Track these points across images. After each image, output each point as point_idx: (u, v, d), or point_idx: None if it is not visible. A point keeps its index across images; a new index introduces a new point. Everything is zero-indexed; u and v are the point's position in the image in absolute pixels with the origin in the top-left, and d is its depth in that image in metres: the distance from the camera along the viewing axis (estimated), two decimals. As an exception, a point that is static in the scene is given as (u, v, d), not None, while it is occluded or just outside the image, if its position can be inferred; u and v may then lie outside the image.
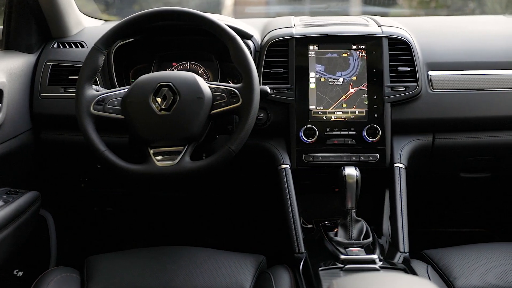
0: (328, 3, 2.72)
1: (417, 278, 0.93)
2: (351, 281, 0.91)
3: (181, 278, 1.32)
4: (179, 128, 1.30)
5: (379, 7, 2.69)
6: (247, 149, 1.59)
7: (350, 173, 1.40)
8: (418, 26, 1.75)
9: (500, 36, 1.70)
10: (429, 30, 1.73)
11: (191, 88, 1.31)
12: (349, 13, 2.67)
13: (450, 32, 1.73)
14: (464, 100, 1.57)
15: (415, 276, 0.94)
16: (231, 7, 2.77)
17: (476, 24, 1.86)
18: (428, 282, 0.91)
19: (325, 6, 2.50)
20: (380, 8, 2.68)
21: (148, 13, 1.37)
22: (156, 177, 1.29)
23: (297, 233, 1.41)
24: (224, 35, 1.35)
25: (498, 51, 1.62)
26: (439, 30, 1.75)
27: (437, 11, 2.86)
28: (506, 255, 1.40)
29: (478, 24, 1.85)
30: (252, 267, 1.37)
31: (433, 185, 1.77)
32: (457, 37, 1.69)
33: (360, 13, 2.62)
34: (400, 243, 1.38)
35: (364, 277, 0.93)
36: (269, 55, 1.57)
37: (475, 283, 1.30)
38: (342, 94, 1.55)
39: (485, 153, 1.64)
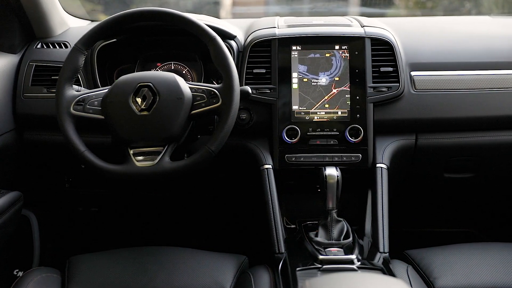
0: (326, 3, 2.73)
1: (390, 278, 0.93)
2: (323, 281, 0.91)
3: (161, 278, 1.32)
4: (159, 128, 1.30)
5: (376, 8, 2.69)
6: (230, 149, 1.59)
7: (330, 173, 1.40)
8: (402, 26, 1.75)
9: (483, 36, 1.70)
10: (412, 31, 1.73)
11: (171, 89, 1.31)
12: (348, 14, 2.68)
13: (433, 33, 1.74)
14: (447, 101, 1.57)
15: (388, 277, 0.94)
16: (230, 7, 2.77)
17: (461, 24, 1.86)
18: (401, 283, 0.91)
19: (311, 7, 2.50)
20: (376, 9, 2.69)
21: (128, 13, 1.37)
22: (135, 177, 1.29)
23: (278, 233, 1.41)
24: (204, 35, 1.35)
25: (480, 51, 1.63)
26: (423, 30, 1.76)
27: (433, 11, 2.86)
28: (487, 255, 1.41)
29: (463, 25, 1.85)
30: (233, 267, 1.38)
31: (417, 185, 1.77)
32: (441, 38, 1.70)
33: (359, 14, 2.64)
34: (380, 243, 1.38)
35: (336, 277, 0.93)
36: (252, 56, 1.57)
37: (455, 283, 1.30)
38: (324, 95, 1.55)
39: (468, 153, 1.64)
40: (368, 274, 1.04)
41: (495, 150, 1.63)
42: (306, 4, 2.84)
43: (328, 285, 0.89)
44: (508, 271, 1.33)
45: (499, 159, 1.66)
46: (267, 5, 2.87)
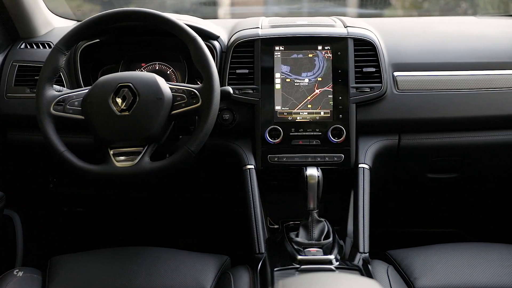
0: (324, 3, 2.74)
1: (364, 278, 0.93)
2: (296, 282, 0.91)
3: (142, 278, 1.33)
4: (139, 129, 1.30)
5: (373, 9, 2.71)
6: (213, 149, 1.60)
7: (311, 173, 1.40)
8: (387, 27, 1.75)
9: (467, 37, 1.71)
10: (397, 31, 1.74)
11: (151, 89, 1.31)
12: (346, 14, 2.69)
13: (417, 33, 1.74)
14: (429, 101, 1.57)
15: (361, 277, 0.94)
16: (228, 7, 2.77)
17: (445, 25, 1.86)
18: (374, 283, 0.91)
19: (298, 7, 2.50)
20: (374, 10, 2.70)
21: (109, 14, 1.37)
22: (115, 177, 1.29)
23: (258, 234, 1.41)
24: (184, 35, 1.35)
25: (464, 52, 1.63)
26: (407, 31, 1.76)
27: (429, 12, 2.87)
28: (468, 255, 1.41)
29: (448, 25, 1.85)
30: (214, 267, 1.38)
31: (401, 185, 1.77)
32: (424, 38, 1.70)
33: (357, 15, 2.65)
34: (361, 243, 1.38)
35: (310, 277, 0.93)
36: (235, 56, 1.57)
37: (435, 283, 1.30)
38: (307, 95, 1.55)
39: (451, 153, 1.64)
40: (342, 274, 1.04)
41: (478, 150, 1.63)
42: (305, 4, 2.85)
43: (301, 285, 0.90)
44: (488, 271, 1.33)
45: (482, 159, 1.66)
46: (266, 5, 2.87)
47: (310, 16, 1.78)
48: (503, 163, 1.69)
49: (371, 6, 2.72)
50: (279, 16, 1.81)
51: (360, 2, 2.73)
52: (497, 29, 1.77)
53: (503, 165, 1.69)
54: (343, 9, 2.81)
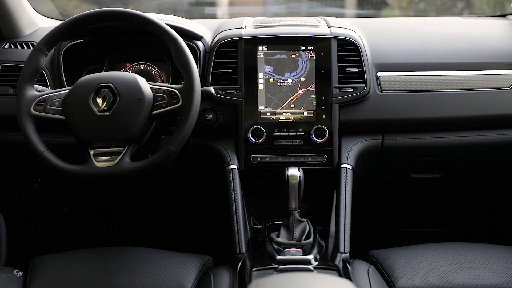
0: (322, 2, 2.74)
1: (337, 278, 0.93)
2: (269, 282, 0.91)
3: (123, 278, 1.33)
4: (119, 129, 1.30)
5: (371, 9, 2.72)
6: (196, 149, 1.60)
7: (292, 173, 1.40)
8: (371, 27, 1.76)
9: (452, 37, 1.71)
10: (381, 31, 1.74)
11: (132, 89, 1.32)
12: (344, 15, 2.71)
13: (402, 34, 1.74)
14: (413, 101, 1.57)
15: (335, 277, 0.94)
16: (227, 7, 2.78)
17: (430, 25, 1.86)
18: (347, 283, 0.91)
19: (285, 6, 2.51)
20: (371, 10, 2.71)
21: (89, 14, 1.37)
22: (94, 177, 1.29)
23: (239, 234, 1.41)
24: (165, 35, 1.35)
25: (447, 52, 1.63)
26: (392, 31, 1.76)
27: (426, 12, 2.88)
28: (450, 255, 1.41)
29: (433, 26, 1.85)
30: (196, 267, 1.38)
31: (385, 185, 1.78)
32: (408, 39, 1.70)
33: (355, 15, 2.67)
34: (341, 243, 1.39)
35: (284, 277, 0.94)
36: (218, 56, 1.57)
37: (415, 283, 1.31)
38: (290, 95, 1.55)
39: (435, 153, 1.64)
40: (316, 274, 1.04)
41: (461, 151, 1.64)
42: (304, 4, 2.86)
43: (274, 285, 0.90)
44: (468, 271, 1.34)
45: (466, 159, 1.67)
46: (265, 5, 2.87)
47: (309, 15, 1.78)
48: (487, 163, 1.69)
49: (369, 6, 2.73)
50: (278, 16, 1.81)
51: (358, 2, 2.74)
52: (482, 30, 1.77)
53: (486, 165, 1.70)
54: (341, 10, 2.82)
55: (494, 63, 1.60)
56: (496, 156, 1.66)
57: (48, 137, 1.38)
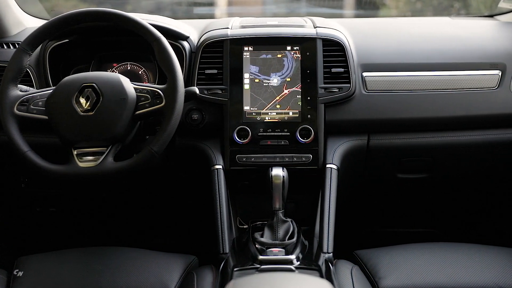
0: (319, 2, 2.75)
1: (315, 278, 0.93)
2: (246, 282, 0.91)
3: (106, 278, 1.33)
4: (102, 129, 1.30)
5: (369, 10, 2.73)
6: (182, 149, 1.60)
7: (276, 173, 1.41)
8: (358, 27, 1.76)
9: (438, 38, 1.71)
10: (368, 32, 1.74)
11: (115, 89, 1.32)
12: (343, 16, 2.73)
13: (388, 34, 1.74)
14: (398, 101, 1.58)
15: (313, 277, 0.94)
16: (225, 7, 2.78)
17: (417, 26, 1.87)
18: (324, 283, 0.91)
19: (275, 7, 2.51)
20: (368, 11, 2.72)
21: (72, 14, 1.37)
22: (77, 177, 1.29)
23: (223, 234, 1.41)
24: (148, 35, 1.35)
25: (433, 52, 1.63)
26: (378, 31, 1.76)
27: (423, 12, 2.89)
28: (434, 254, 1.42)
29: (420, 26, 1.85)
30: (180, 267, 1.38)
31: (372, 185, 1.78)
32: (394, 39, 1.70)
33: (354, 15, 2.67)
34: (325, 243, 1.39)
35: (262, 277, 0.94)
36: (204, 56, 1.57)
37: (399, 283, 1.31)
38: (276, 95, 1.55)
39: (420, 154, 1.65)
40: (295, 274, 1.04)
41: (447, 151, 1.64)
42: (303, 4, 2.87)
43: (251, 285, 0.90)
44: (452, 271, 1.34)
45: (452, 159, 1.67)
46: (264, 5, 2.88)
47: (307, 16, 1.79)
48: (473, 164, 1.69)
49: (366, 7, 2.74)
50: (277, 15, 1.81)
51: (357, 3, 2.75)
52: (469, 30, 1.78)
53: (472, 166, 1.70)
54: (339, 11, 2.83)
55: (480, 63, 1.60)
56: (482, 156, 1.67)
57: (32, 137, 1.38)
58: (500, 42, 1.67)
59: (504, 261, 1.38)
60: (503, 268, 1.35)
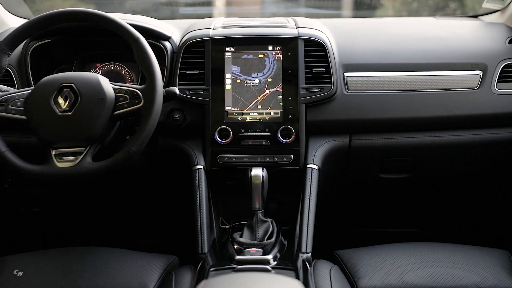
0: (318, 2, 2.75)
1: (286, 279, 0.93)
2: (217, 281, 0.92)
3: (85, 278, 1.33)
4: (80, 129, 1.30)
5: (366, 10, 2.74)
6: (164, 149, 1.60)
7: (256, 174, 1.41)
8: (341, 27, 1.76)
9: (420, 38, 1.71)
10: (351, 32, 1.74)
11: (93, 89, 1.32)
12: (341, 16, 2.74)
13: (371, 34, 1.74)
14: (380, 101, 1.58)
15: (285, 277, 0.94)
16: (223, 7, 2.78)
17: (401, 26, 1.87)
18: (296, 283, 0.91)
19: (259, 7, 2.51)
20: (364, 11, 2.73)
21: (51, 14, 1.37)
22: (55, 177, 1.29)
23: (202, 234, 1.42)
24: (127, 35, 1.35)
25: (415, 53, 1.64)
26: (361, 32, 1.76)
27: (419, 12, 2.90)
28: (414, 254, 1.42)
29: (404, 26, 1.85)
30: (160, 267, 1.38)
31: (355, 186, 1.78)
32: (377, 39, 1.70)
33: (351, 16, 2.68)
34: (303, 243, 1.39)
35: (233, 277, 0.94)
36: (186, 56, 1.57)
37: (378, 283, 1.31)
38: (257, 95, 1.55)
39: (402, 154, 1.65)
40: (266, 274, 1.04)
41: (428, 151, 1.64)
42: (302, 4, 2.87)
43: (220, 285, 0.90)
44: (431, 271, 1.34)
45: (433, 159, 1.67)
46: (263, 5, 2.88)
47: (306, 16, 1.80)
48: (454, 164, 1.70)
49: (363, 7, 2.75)
50: (276, 16, 1.81)
51: (355, 3, 2.76)
52: (452, 30, 1.78)
53: (454, 166, 1.70)
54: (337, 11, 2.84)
55: (461, 64, 1.61)
56: (463, 156, 1.67)
57: (11, 137, 1.37)
58: (482, 43, 1.68)
59: (484, 261, 1.39)
60: (483, 268, 1.36)
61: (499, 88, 1.59)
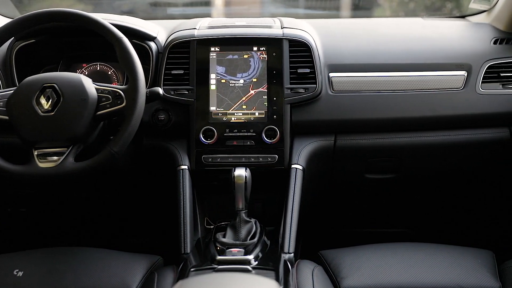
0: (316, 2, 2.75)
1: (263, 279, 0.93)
2: (193, 282, 0.92)
3: (68, 278, 1.33)
4: (63, 129, 1.30)
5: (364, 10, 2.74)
6: (149, 150, 1.60)
7: (239, 174, 1.41)
8: (328, 28, 1.76)
9: (406, 39, 1.72)
10: (337, 32, 1.75)
11: (76, 89, 1.32)
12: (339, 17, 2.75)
13: (357, 35, 1.74)
14: (364, 102, 1.58)
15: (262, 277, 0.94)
16: (222, 7, 2.78)
17: (388, 26, 1.87)
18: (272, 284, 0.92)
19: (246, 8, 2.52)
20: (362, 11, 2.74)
21: (34, 14, 1.37)
22: (37, 177, 1.29)
23: (185, 234, 1.42)
24: (110, 35, 1.36)
25: (400, 53, 1.64)
26: (347, 32, 1.77)
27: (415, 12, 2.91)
28: (398, 254, 1.43)
29: (390, 27, 1.86)
30: (143, 267, 1.38)
31: (341, 186, 1.78)
32: (363, 40, 1.71)
33: (350, 16, 2.69)
34: (286, 243, 1.39)
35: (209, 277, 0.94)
36: (171, 57, 1.57)
37: (360, 283, 1.31)
38: (242, 96, 1.55)
39: (387, 154, 1.65)
40: (242, 274, 1.04)
41: (413, 151, 1.64)
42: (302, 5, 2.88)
43: (196, 285, 0.90)
44: (414, 271, 1.35)
45: (418, 159, 1.68)
46: (262, 5, 2.88)
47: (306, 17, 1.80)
48: (439, 164, 1.70)
49: (361, 7, 2.75)
50: (275, 16, 1.81)
51: (353, 4, 2.77)
52: (438, 31, 1.78)
53: (439, 166, 1.71)
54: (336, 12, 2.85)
55: (446, 64, 1.61)
56: (448, 157, 1.67)
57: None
58: (467, 43, 1.68)
59: (467, 261, 1.39)
60: (466, 268, 1.36)
61: (483, 88, 1.60)
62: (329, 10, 2.84)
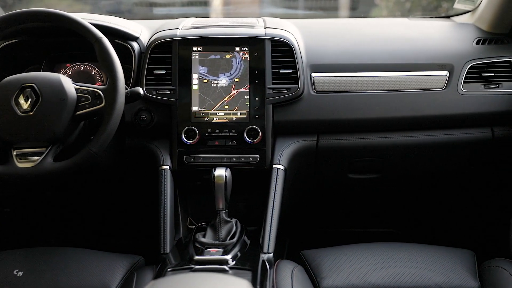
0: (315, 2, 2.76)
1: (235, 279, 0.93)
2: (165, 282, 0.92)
3: (47, 278, 1.32)
4: (41, 129, 1.30)
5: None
6: (131, 150, 1.60)
7: (219, 174, 1.41)
8: (311, 28, 1.76)
9: (389, 38, 1.72)
10: (320, 32, 1.75)
11: (55, 90, 1.32)
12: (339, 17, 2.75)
13: (341, 35, 1.75)
14: (347, 102, 1.58)
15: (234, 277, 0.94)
16: (220, 7, 2.78)
17: (372, 26, 1.87)
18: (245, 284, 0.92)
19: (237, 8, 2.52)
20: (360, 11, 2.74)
21: (10, 15, 1.37)
22: (15, 177, 1.29)
23: (165, 234, 1.42)
24: (89, 35, 1.36)
25: (382, 53, 1.64)
26: (331, 32, 1.77)
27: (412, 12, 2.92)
28: (379, 254, 1.42)
29: (375, 27, 1.86)
30: (124, 268, 1.38)
31: (324, 186, 1.78)
32: (346, 40, 1.71)
33: (349, 16, 2.69)
34: (265, 244, 1.39)
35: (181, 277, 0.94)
36: (153, 57, 1.57)
37: (339, 283, 1.31)
38: (224, 96, 1.55)
39: (370, 154, 1.65)
40: (214, 274, 1.04)
41: (396, 151, 1.65)
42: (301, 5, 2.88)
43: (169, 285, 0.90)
44: (393, 271, 1.35)
45: (401, 159, 1.68)
46: (261, 5, 2.88)
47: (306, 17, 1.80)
48: (422, 164, 1.70)
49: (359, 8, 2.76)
50: (275, 16, 1.82)
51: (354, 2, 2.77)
52: (421, 31, 1.79)
53: (422, 166, 1.71)
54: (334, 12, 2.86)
55: (428, 64, 1.61)
56: (431, 157, 1.67)
57: None
58: (450, 43, 1.68)
59: (447, 261, 1.39)
60: (445, 268, 1.36)
61: (465, 88, 1.60)
62: (327, 11, 2.84)
